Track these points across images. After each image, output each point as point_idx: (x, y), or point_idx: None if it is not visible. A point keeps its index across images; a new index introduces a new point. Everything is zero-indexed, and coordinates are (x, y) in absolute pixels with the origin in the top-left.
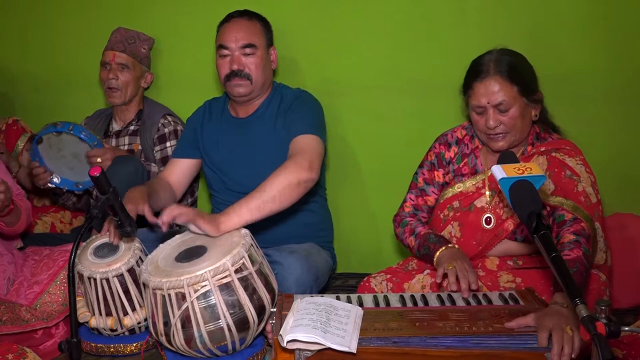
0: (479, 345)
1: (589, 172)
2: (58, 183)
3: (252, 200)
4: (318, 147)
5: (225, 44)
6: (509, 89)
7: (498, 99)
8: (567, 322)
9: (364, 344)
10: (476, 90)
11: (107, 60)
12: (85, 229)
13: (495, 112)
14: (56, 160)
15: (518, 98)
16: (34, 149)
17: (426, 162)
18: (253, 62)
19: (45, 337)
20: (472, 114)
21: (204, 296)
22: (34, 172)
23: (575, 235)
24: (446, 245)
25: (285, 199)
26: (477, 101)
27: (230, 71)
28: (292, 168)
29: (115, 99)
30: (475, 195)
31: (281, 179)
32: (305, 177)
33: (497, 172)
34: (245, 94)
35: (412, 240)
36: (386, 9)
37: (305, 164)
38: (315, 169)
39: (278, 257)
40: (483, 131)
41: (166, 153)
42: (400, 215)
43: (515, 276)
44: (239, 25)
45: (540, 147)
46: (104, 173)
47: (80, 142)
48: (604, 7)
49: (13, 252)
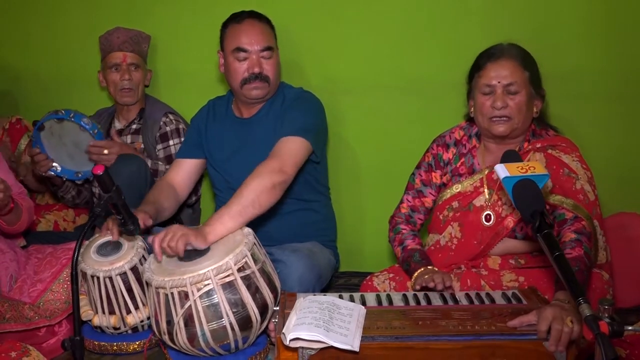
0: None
1: (586, 168)
2: (58, 171)
3: (232, 206)
4: (298, 150)
5: (244, 47)
6: (521, 72)
7: (509, 79)
8: (568, 315)
9: (366, 341)
10: (489, 69)
11: (118, 62)
12: (89, 227)
13: (504, 93)
14: (57, 149)
15: (527, 85)
16: (35, 135)
17: (423, 163)
18: (271, 64)
19: (48, 335)
20: (477, 97)
21: (207, 295)
22: (35, 159)
23: (576, 234)
24: (425, 267)
25: (263, 202)
26: (488, 80)
27: (249, 74)
28: (264, 172)
29: (129, 98)
30: (474, 194)
31: (256, 184)
32: (279, 180)
33: (500, 171)
34: (263, 97)
35: (399, 250)
36: (389, 9)
37: (276, 167)
38: (286, 171)
39: (281, 256)
40: (487, 114)
41: (169, 151)
42: (395, 217)
43: (518, 275)
44: (255, 28)
45: (537, 144)
46: (107, 171)
47: (81, 130)
48: (605, 7)
49: (16, 250)
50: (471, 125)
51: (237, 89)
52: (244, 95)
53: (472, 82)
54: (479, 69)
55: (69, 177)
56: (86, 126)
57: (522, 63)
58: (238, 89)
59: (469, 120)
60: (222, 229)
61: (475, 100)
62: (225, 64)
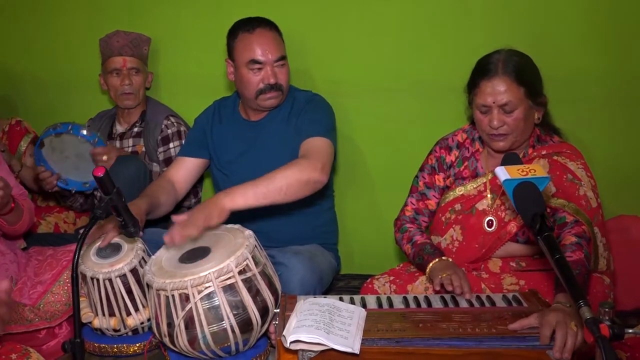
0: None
1: (590, 176)
2: (66, 186)
3: (260, 186)
4: (329, 151)
5: (259, 59)
6: (516, 90)
7: (504, 99)
8: (571, 319)
9: (367, 344)
10: (483, 88)
11: (118, 67)
12: (89, 229)
13: (500, 112)
14: (60, 163)
15: (524, 100)
16: (37, 153)
17: (427, 166)
18: (284, 73)
19: (48, 337)
20: (475, 113)
21: (208, 297)
22: (40, 177)
23: (576, 237)
24: (440, 257)
25: (291, 193)
26: (483, 100)
27: (265, 85)
28: (305, 165)
29: (130, 101)
30: (477, 198)
31: (291, 173)
32: (316, 178)
33: (500, 174)
34: (277, 105)
35: (409, 247)
36: (391, 12)
37: (319, 165)
38: (326, 172)
39: (282, 259)
40: (486, 131)
41: (169, 154)
42: (400, 219)
43: (519, 278)
44: (267, 38)
45: (542, 150)
46: (107, 173)
47: (81, 141)
48: (606, 10)
49: (16, 251)
50: (474, 128)
51: (251, 99)
52: (258, 105)
53: (470, 96)
54: (474, 86)
55: (78, 189)
56: (86, 137)
57: (516, 79)
58: (252, 99)
59: (472, 123)
60: (242, 202)
61: (474, 114)
62: (237, 74)
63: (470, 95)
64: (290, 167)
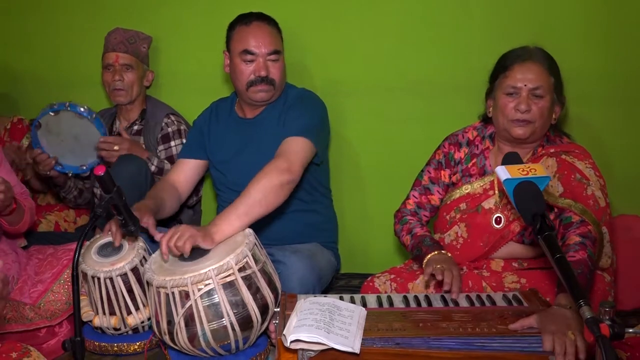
0: (483, 347)
1: (599, 175)
2: (62, 169)
3: (239, 206)
4: (303, 150)
5: (251, 49)
6: (547, 78)
7: (536, 83)
8: (570, 327)
9: (367, 344)
10: (516, 70)
11: (111, 62)
12: (90, 228)
13: (529, 96)
14: (57, 146)
15: (551, 90)
16: (33, 135)
17: (433, 161)
18: (277, 68)
19: (49, 335)
20: (500, 97)
21: (208, 295)
22: (37, 159)
23: (581, 237)
24: (439, 250)
25: (270, 202)
26: (514, 82)
27: (255, 77)
28: (273, 171)
29: (121, 97)
30: (483, 197)
31: (263, 183)
32: (287, 179)
33: (501, 173)
34: (268, 99)
35: (408, 239)
36: (391, 10)
37: (284, 166)
38: (294, 171)
39: (281, 257)
40: (509, 115)
41: (171, 152)
42: (401, 211)
43: (520, 277)
44: (263, 31)
45: (550, 149)
46: (108, 172)
47: (79, 119)
48: (605, 10)
49: (17, 250)
50: (485, 126)
51: (242, 91)
52: (249, 98)
53: (496, 82)
54: (505, 69)
55: (75, 172)
56: (83, 113)
57: (548, 68)
58: (243, 91)
59: (483, 121)
60: (229, 228)
61: (496, 101)
62: (231, 65)
63: (494, 82)
64: (261, 178)
